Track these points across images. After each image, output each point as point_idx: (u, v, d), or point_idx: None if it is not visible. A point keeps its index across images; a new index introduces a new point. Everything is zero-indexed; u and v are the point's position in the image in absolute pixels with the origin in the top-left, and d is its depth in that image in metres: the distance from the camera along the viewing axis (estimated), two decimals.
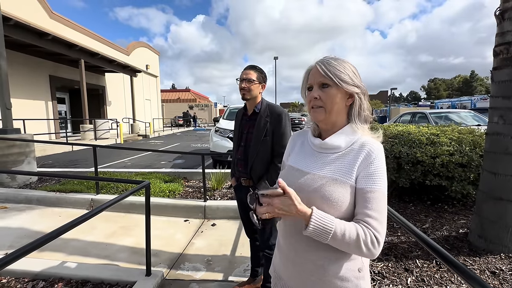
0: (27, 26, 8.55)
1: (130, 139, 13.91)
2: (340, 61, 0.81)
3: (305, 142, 0.92)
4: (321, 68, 0.80)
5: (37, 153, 7.59)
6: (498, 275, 1.87)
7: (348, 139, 0.81)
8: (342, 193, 0.75)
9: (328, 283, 0.79)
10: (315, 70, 0.82)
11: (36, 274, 2.03)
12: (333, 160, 0.81)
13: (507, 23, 2.04)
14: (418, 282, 1.86)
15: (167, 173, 4.84)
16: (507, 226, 2.09)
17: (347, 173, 0.77)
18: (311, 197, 0.77)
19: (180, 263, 2.37)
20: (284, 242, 0.88)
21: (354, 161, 0.77)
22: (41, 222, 3.23)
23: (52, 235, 1.14)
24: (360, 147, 0.79)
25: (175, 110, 33.64)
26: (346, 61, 0.82)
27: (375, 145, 0.79)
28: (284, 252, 0.88)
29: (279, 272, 0.91)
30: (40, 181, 4.59)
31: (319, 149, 0.85)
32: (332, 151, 0.82)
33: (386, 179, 0.78)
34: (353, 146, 0.80)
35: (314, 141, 0.86)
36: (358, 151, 0.78)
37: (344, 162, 0.79)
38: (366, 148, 0.78)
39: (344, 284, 0.78)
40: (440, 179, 2.85)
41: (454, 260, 0.91)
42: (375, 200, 0.73)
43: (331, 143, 0.82)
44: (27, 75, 10.92)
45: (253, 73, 1.69)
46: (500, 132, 2.11)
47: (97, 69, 14.49)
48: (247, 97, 1.70)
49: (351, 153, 0.79)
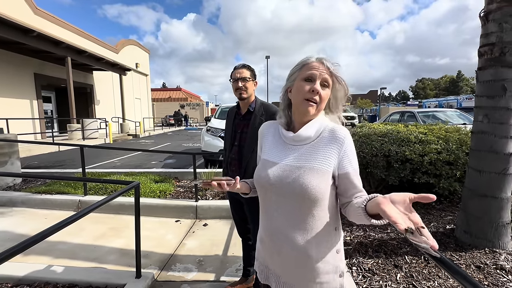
0: (10, 22, 8.25)
1: (119, 138, 13.65)
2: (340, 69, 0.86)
3: (276, 134, 0.95)
4: (331, 69, 0.84)
5: (22, 153, 7.35)
6: (483, 269, 1.93)
7: (316, 128, 0.86)
8: (320, 180, 0.80)
9: (311, 266, 0.84)
10: (321, 66, 0.84)
11: (20, 279, 1.96)
12: (307, 149, 0.85)
13: (491, 24, 2.10)
14: (407, 278, 1.90)
15: (157, 173, 4.77)
16: (491, 222, 2.15)
17: (323, 161, 0.82)
18: (290, 188, 0.81)
19: (171, 264, 2.34)
20: (266, 234, 0.92)
21: (328, 149, 0.83)
22: (26, 224, 3.13)
23: (37, 237, 1.10)
24: (330, 134, 0.84)
25: (166, 109, 33.24)
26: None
27: (343, 131, 0.84)
28: (268, 244, 0.92)
29: (266, 263, 0.95)
30: (24, 183, 4.44)
31: (291, 141, 0.89)
32: (304, 142, 0.86)
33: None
34: (322, 134, 0.85)
35: (287, 135, 0.90)
36: (330, 139, 0.84)
37: (319, 151, 0.83)
38: (337, 135, 0.83)
39: (325, 266, 0.84)
40: (428, 176, 2.91)
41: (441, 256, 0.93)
42: (357, 176, 0.83)
43: (303, 134, 0.86)
44: (10, 73, 10.54)
45: (246, 71, 1.69)
46: (484, 131, 2.17)
47: (84, 67, 14.14)
48: (244, 96, 1.67)
49: (322, 140, 0.84)
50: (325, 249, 0.84)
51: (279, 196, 0.84)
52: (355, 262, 2.13)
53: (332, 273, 0.85)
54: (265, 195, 0.90)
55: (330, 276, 0.85)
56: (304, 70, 0.85)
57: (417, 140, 3.10)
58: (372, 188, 3.58)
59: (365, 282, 1.89)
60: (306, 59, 0.87)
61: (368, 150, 3.23)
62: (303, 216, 0.82)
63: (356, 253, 2.25)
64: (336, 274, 0.85)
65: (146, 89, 23.90)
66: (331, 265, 0.85)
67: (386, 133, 3.46)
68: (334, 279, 0.85)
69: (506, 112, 2.08)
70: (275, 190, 0.85)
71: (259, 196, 0.94)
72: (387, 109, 25.40)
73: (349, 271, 2.02)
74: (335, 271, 0.85)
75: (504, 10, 2.02)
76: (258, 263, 0.99)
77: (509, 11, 2.01)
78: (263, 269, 0.96)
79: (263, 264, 0.96)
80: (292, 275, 0.87)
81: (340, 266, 0.86)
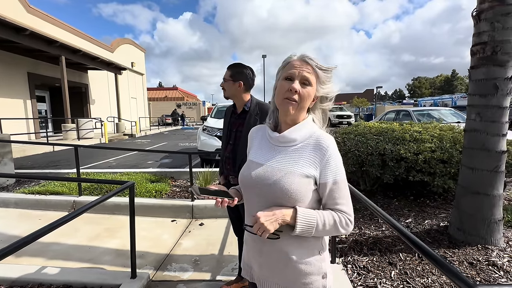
0: (2, 21, 8.11)
1: (115, 138, 13.53)
2: (326, 67, 0.84)
3: (264, 136, 0.95)
4: (310, 66, 0.82)
5: (16, 154, 7.26)
6: (475, 266, 1.95)
7: (303, 133, 0.85)
8: (300, 185, 0.79)
9: (293, 268, 0.84)
10: (301, 64, 0.82)
11: (13, 281, 1.93)
12: (291, 153, 0.84)
13: (483, 23, 2.12)
14: (401, 275, 1.92)
15: (153, 173, 4.74)
16: (483, 219, 2.18)
17: (305, 166, 0.81)
18: (270, 190, 0.81)
19: (167, 264, 2.34)
20: (248, 234, 0.93)
21: (311, 156, 0.82)
22: (19, 226, 3.09)
23: (29, 238, 1.09)
24: (315, 142, 0.83)
25: (162, 108, 33.02)
26: (328, 65, 0.85)
27: (328, 140, 0.83)
28: (250, 244, 0.93)
29: (249, 263, 0.95)
30: (18, 183, 4.39)
31: (276, 142, 0.88)
32: (289, 144, 0.86)
33: (343, 165, 0.84)
34: (308, 140, 0.84)
35: (272, 135, 0.89)
36: (314, 146, 0.82)
37: (302, 156, 0.82)
38: (320, 143, 0.82)
39: (307, 267, 0.84)
40: (423, 175, 2.94)
41: (433, 253, 0.94)
42: (340, 188, 0.81)
43: (288, 136, 0.85)
44: (3, 73, 10.38)
45: (227, 71, 1.72)
46: (477, 129, 2.20)
47: (79, 66, 13.97)
48: (224, 95, 1.75)
49: (307, 147, 0.83)
50: (307, 251, 0.84)
51: (260, 197, 0.84)
52: (350, 260, 2.14)
53: (315, 274, 0.84)
54: (247, 195, 0.91)
55: (312, 277, 0.84)
56: (286, 69, 0.84)
57: (412, 139, 3.12)
58: (368, 186, 3.60)
59: (360, 280, 1.91)
60: (288, 58, 0.86)
61: (364, 149, 3.25)
62: None
63: (351, 251, 2.26)
64: (319, 275, 0.85)
65: (142, 88, 23.72)
66: (313, 267, 0.84)
67: (381, 131, 3.48)
68: (316, 280, 0.85)
69: (498, 110, 2.10)
70: (257, 190, 0.85)
71: (243, 196, 0.94)
72: (383, 108, 25.58)
73: (344, 269, 2.04)
74: (317, 272, 0.85)
75: (496, 9, 2.04)
76: (243, 263, 1.00)
77: (500, 10, 2.03)
78: (247, 269, 0.97)
79: (248, 264, 0.97)
80: (274, 275, 0.87)
81: (322, 267, 0.86)
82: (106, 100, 17.74)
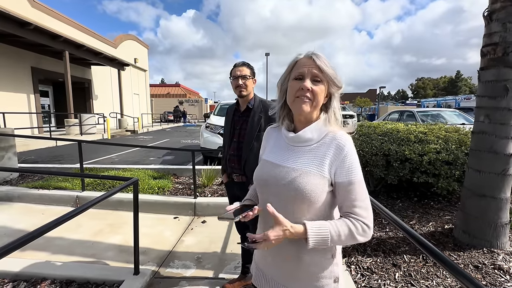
0: (7, 15, 8.12)
1: (117, 134, 13.56)
2: (331, 64, 0.84)
3: (279, 136, 0.93)
4: (319, 63, 0.80)
5: (19, 148, 7.28)
6: (481, 269, 1.93)
7: (320, 132, 0.83)
8: (315, 185, 0.77)
9: (304, 271, 0.83)
10: (310, 62, 0.81)
11: (17, 275, 1.94)
12: (306, 152, 0.83)
13: (495, 24, 2.08)
14: (405, 277, 1.90)
15: (156, 169, 4.74)
16: (490, 222, 2.16)
17: (320, 166, 0.79)
18: (285, 190, 0.80)
19: (170, 261, 2.34)
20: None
21: (327, 155, 0.80)
22: (23, 220, 3.10)
23: (35, 234, 1.08)
24: (331, 140, 0.81)
25: (165, 105, 33.03)
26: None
27: (344, 137, 0.81)
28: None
29: (259, 265, 0.94)
30: (21, 178, 4.40)
31: (292, 142, 0.87)
32: (305, 143, 0.84)
33: (360, 166, 0.81)
34: (324, 139, 0.83)
35: (287, 135, 0.88)
36: (329, 144, 0.81)
37: (317, 155, 0.81)
38: (336, 142, 0.80)
39: (319, 270, 0.83)
40: (427, 176, 2.92)
41: (442, 255, 0.93)
42: (356, 190, 0.78)
43: (304, 135, 0.83)
44: (7, 67, 10.41)
45: (246, 69, 1.71)
46: (485, 131, 2.17)
47: (82, 61, 13.99)
48: (244, 93, 1.71)
49: (323, 146, 0.82)
50: (319, 254, 0.82)
51: (275, 197, 0.83)
52: (354, 261, 2.13)
53: (327, 278, 0.83)
54: (262, 195, 0.90)
55: (324, 281, 0.83)
56: (295, 69, 0.83)
57: (417, 140, 3.09)
58: (371, 187, 3.58)
59: (363, 281, 1.90)
60: (295, 58, 0.85)
61: (368, 149, 3.22)
62: (297, 218, 0.79)
63: (355, 252, 2.25)
64: (331, 279, 0.84)
65: (145, 84, 23.73)
66: (325, 270, 0.83)
67: (386, 132, 3.45)
68: (328, 284, 0.83)
69: (508, 112, 2.07)
70: (271, 190, 0.84)
71: (259, 197, 0.94)
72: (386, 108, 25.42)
73: (348, 270, 2.03)
74: (329, 276, 0.83)
75: (509, 10, 2.00)
76: (254, 265, 0.99)
77: None
78: (256, 270, 0.97)
79: (257, 265, 0.96)
80: (285, 278, 0.86)
81: (334, 271, 0.84)
82: (109, 96, 17.76)
